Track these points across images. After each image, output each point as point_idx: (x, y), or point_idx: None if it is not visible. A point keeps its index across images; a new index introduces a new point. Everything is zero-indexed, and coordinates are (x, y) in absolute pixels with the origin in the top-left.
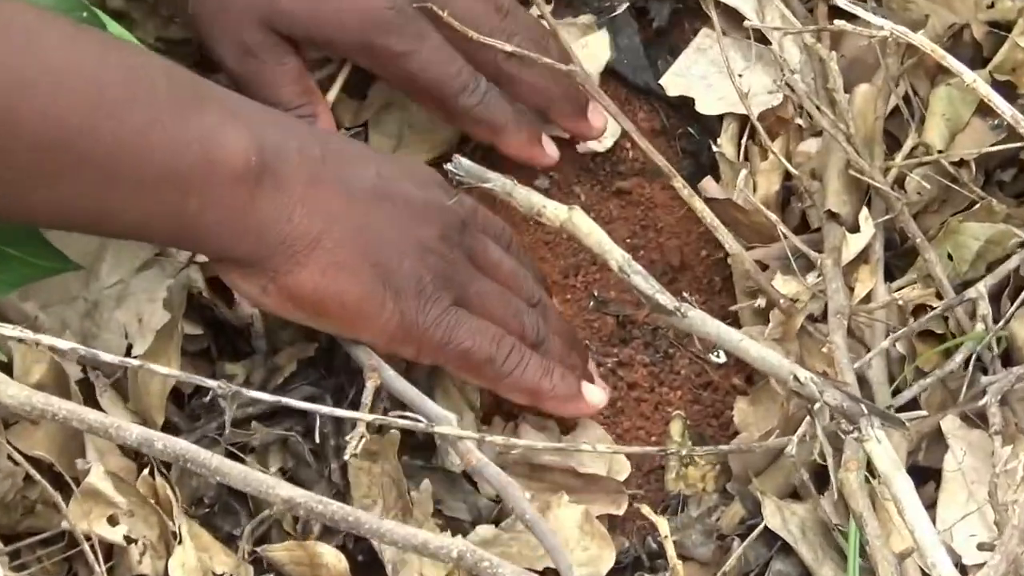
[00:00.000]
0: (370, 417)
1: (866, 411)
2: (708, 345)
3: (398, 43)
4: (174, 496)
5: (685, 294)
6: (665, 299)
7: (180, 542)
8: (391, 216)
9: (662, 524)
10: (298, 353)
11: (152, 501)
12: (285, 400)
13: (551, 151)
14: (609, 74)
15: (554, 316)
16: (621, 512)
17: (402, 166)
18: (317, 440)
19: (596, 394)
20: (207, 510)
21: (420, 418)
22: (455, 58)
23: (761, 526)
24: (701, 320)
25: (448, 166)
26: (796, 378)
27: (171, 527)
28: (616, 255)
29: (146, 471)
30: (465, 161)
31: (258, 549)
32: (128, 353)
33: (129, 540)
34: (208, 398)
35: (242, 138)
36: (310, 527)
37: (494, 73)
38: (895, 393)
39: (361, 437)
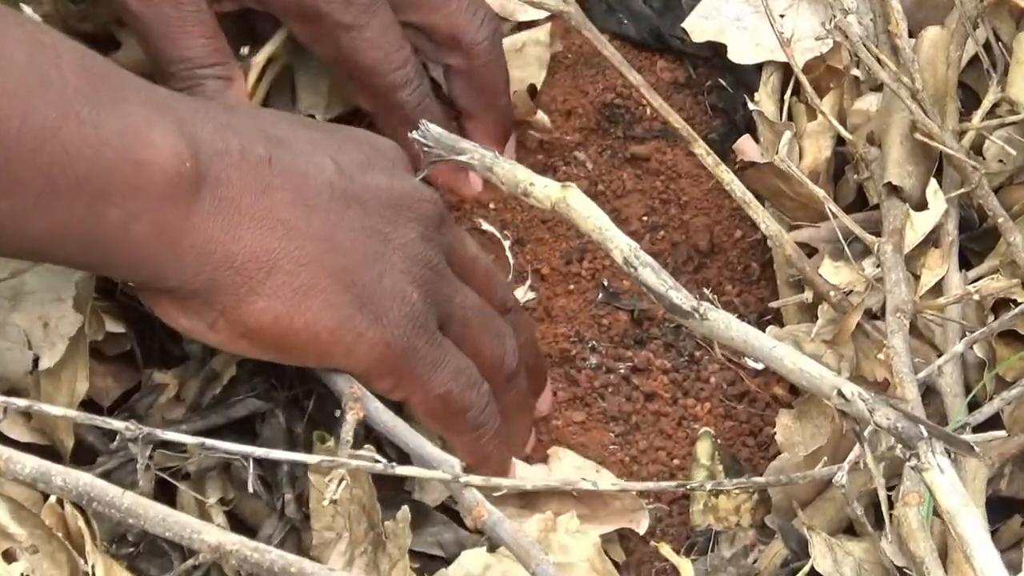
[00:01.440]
0: (316, 459)
1: (926, 433)
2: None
3: (344, 12)
4: (88, 530)
5: (706, 291)
6: (680, 297)
7: None
8: (361, 221)
9: (685, 567)
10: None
11: (60, 535)
12: (211, 442)
13: (474, 184)
14: None
15: (524, 325)
16: (642, 530)
17: (361, 149)
18: (251, 489)
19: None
20: (131, 550)
21: (382, 460)
22: (403, 45)
23: (805, 569)
24: (725, 323)
25: (414, 135)
26: (841, 393)
27: (83, 567)
28: (620, 243)
29: (53, 498)
30: (435, 128)
31: None
32: (35, 367)
33: None
34: (136, 408)
35: (172, 136)
36: None
37: (456, 52)
38: (972, 408)
39: (341, 480)
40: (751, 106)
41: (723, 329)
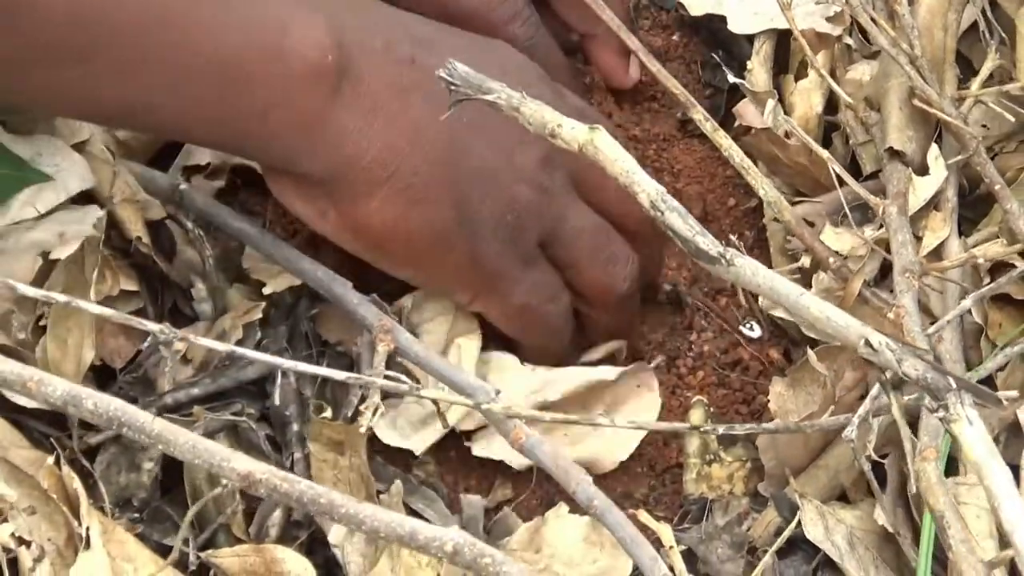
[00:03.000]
0: (343, 375)
1: (955, 385)
2: (736, 314)
3: None
4: (85, 492)
5: (733, 237)
6: (707, 243)
7: (88, 547)
8: (487, 139)
9: (665, 532)
10: (245, 317)
11: (56, 497)
12: (241, 351)
13: (632, 75)
14: None
15: (655, 239)
16: None
17: (503, 64)
18: (277, 402)
19: None
20: (135, 515)
21: (406, 380)
22: None
23: (787, 532)
24: (752, 269)
25: (440, 73)
26: (868, 343)
27: (78, 529)
28: (648, 187)
29: (50, 460)
30: (461, 67)
31: (202, 555)
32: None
33: (21, 541)
34: (145, 366)
35: (318, 28)
36: (266, 530)
37: None
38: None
39: (376, 408)
40: (732, 78)
41: (750, 276)
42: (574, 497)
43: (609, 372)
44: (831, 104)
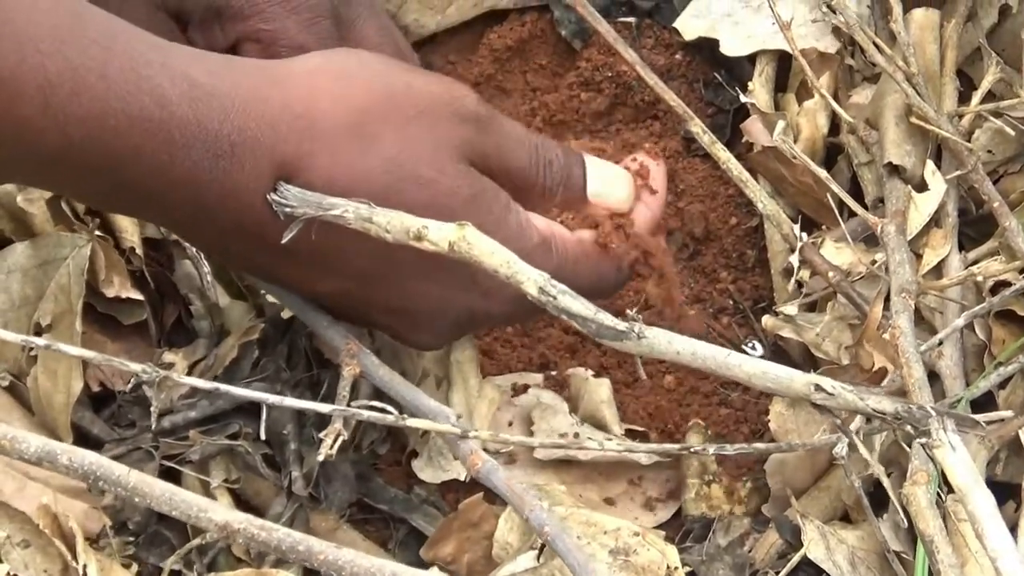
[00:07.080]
0: (327, 408)
1: (933, 412)
2: (738, 333)
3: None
4: (80, 529)
5: (630, 312)
6: (610, 319)
7: None
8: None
9: (671, 553)
10: (243, 336)
11: (48, 531)
12: (225, 387)
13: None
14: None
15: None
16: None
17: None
18: (264, 437)
19: None
20: (131, 539)
21: (391, 410)
22: None
23: (796, 559)
24: (666, 339)
25: (272, 196)
26: (820, 388)
27: (73, 564)
28: (531, 275)
29: (45, 498)
30: (294, 189)
31: None
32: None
33: None
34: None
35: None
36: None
37: None
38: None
39: (338, 435)
40: (743, 98)
41: (666, 345)
42: (528, 523)
43: (643, 457)
44: (835, 126)
